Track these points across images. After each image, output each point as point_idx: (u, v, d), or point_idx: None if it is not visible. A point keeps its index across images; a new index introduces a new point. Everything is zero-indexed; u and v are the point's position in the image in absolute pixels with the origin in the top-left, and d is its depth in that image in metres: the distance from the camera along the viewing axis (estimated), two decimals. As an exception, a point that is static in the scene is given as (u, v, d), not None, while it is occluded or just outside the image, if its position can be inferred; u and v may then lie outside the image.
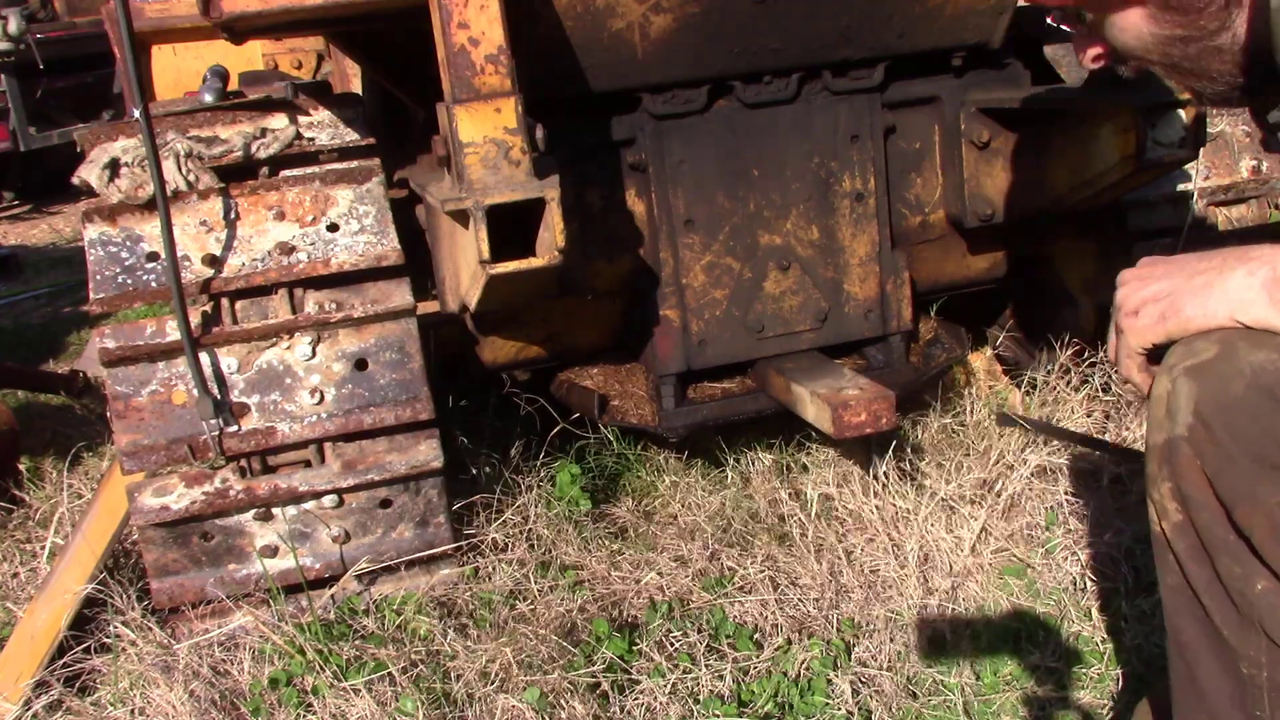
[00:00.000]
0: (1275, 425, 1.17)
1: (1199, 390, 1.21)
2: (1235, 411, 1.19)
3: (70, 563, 2.19)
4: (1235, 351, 1.19)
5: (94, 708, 2.00)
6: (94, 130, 2.10)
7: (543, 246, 1.89)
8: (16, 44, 6.86)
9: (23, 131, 7.38)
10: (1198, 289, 1.23)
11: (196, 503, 2.02)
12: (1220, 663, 1.29)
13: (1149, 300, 1.27)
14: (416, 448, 2.11)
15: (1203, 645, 1.31)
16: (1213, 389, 1.20)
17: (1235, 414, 1.19)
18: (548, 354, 2.52)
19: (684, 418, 2.46)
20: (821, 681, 1.92)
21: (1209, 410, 1.20)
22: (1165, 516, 1.29)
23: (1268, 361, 1.17)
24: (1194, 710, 1.35)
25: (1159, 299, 1.26)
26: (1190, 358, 1.22)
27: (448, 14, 1.84)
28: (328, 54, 3.30)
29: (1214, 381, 1.20)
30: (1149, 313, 1.27)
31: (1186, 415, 1.22)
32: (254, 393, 2.03)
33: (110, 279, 2.00)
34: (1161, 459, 1.26)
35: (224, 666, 2.01)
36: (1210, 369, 1.20)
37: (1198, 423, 1.21)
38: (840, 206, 2.41)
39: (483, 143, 1.86)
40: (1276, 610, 1.22)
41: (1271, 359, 1.17)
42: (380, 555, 2.14)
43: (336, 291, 2.08)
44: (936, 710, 1.88)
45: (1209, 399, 1.20)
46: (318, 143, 2.14)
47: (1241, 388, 1.18)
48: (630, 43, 2.14)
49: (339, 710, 1.87)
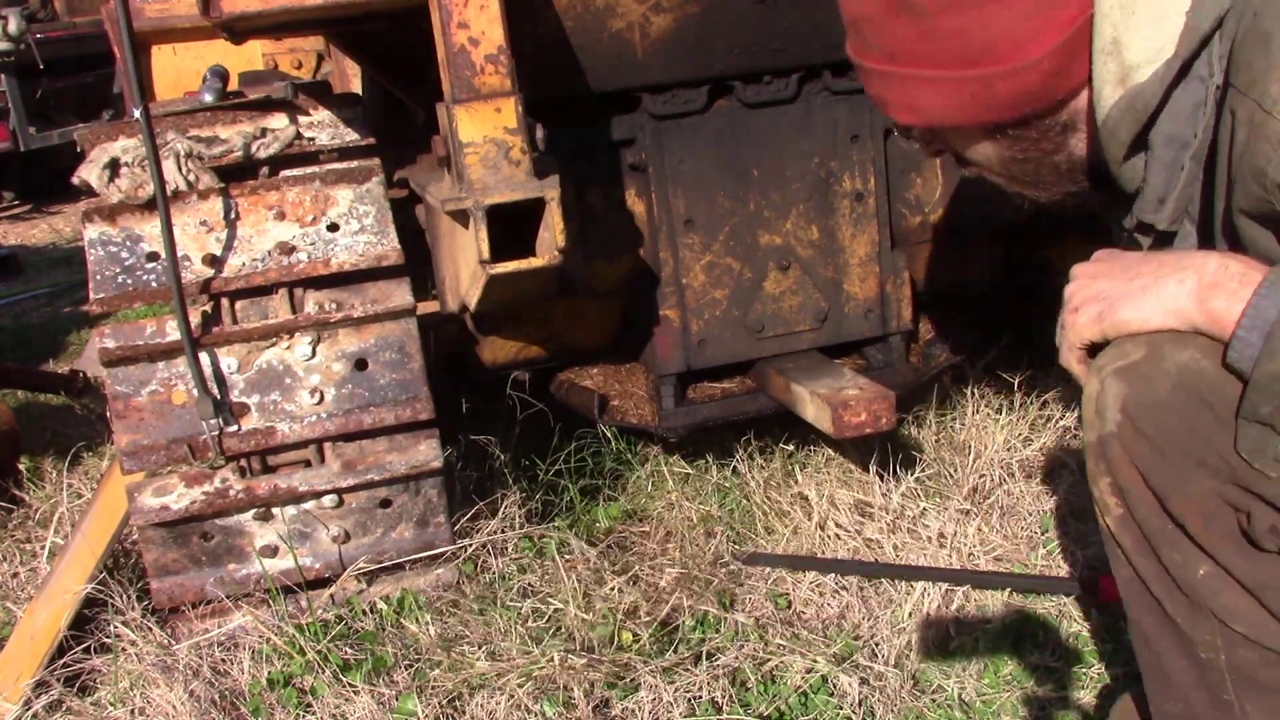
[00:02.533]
0: (1199, 422, 1.22)
1: (1126, 390, 1.25)
2: (1161, 411, 1.24)
3: (70, 563, 2.19)
4: (1161, 353, 1.24)
5: (94, 708, 2.00)
6: (94, 130, 2.10)
7: (543, 246, 1.89)
8: (16, 44, 6.87)
9: (23, 131, 7.38)
10: (1134, 292, 1.28)
11: (196, 503, 2.02)
12: (1180, 649, 1.32)
13: (1090, 299, 1.32)
14: (416, 448, 2.11)
15: (1162, 634, 1.34)
16: (1139, 389, 1.25)
17: (1161, 413, 1.24)
18: (548, 354, 2.52)
19: (684, 418, 2.46)
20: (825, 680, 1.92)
21: (1136, 410, 1.25)
22: (1108, 512, 1.33)
23: (1192, 361, 1.22)
24: (1165, 698, 1.37)
25: (1099, 299, 1.31)
26: (1119, 359, 1.27)
27: (448, 14, 1.85)
28: (328, 54, 3.31)
29: (1140, 383, 1.24)
30: (1089, 311, 1.31)
31: (1115, 414, 1.27)
32: (254, 393, 2.03)
33: (110, 279, 2.00)
34: (1097, 455, 1.31)
35: (224, 666, 2.01)
36: (1137, 370, 1.25)
37: (1126, 420, 1.26)
38: (840, 206, 2.41)
39: (483, 143, 1.86)
40: (1221, 594, 1.25)
41: (1196, 359, 1.21)
42: (380, 555, 2.14)
43: (336, 291, 2.08)
44: (938, 710, 1.88)
45: (1135, 399, 1.25)
46: (318, 143, 2.14)
47: (1167, 388, 1.23)
48: (630, 43, 2.14)
49: (339, 710, 1.87)
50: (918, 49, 1.31)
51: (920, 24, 1.28)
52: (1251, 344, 1.16)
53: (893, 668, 1.95)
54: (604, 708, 1.89)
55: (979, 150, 1.42)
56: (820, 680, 1.92)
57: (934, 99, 1.33)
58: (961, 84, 1.30)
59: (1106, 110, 1.27)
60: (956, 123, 1.37)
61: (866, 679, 1.93)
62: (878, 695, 1.89)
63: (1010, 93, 1.29)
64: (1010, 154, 1.39)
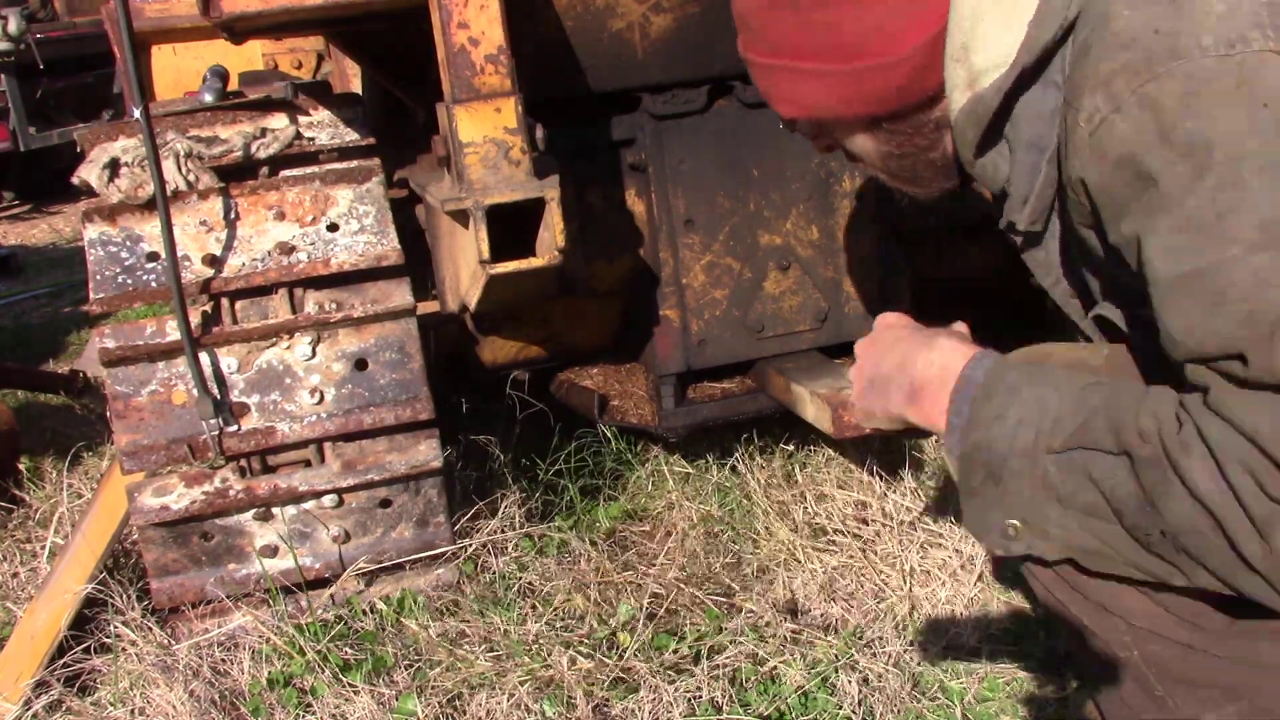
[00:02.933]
0: None
1: None
2: None
3: (70, 563, 2.19)
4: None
5: (94, 708, 2.00)
6: (94, 130, 2.10)
7: (543, 246, 1.89)
8: (16, 44, 6.86)
9: (23, 131, 7.38)
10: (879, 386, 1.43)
11: (196, 503, 2.02)
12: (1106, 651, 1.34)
13: (856, 379, 1.49)
14: (416, 447, 2.11)
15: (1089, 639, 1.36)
16: None
17: None
18: (548, 354, 2.52)
19: (684, 418, 2.46)
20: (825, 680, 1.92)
21: None
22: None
23: None
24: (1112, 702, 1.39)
25: (861, 378, 1.47)
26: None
27: (448, 14, 1.85)
28: (328, 54, 3.30)
29: None
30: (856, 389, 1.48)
31: None
32: (254, 393, 2.03)
33: (110, 279, 2.00)
34: None
35: (224, 666, 2.01)
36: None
37: None
38: (840, 206, 2.41)
39: (483, 143, 1.86)
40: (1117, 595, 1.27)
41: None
42: (380, 555, 2.14)
43: (336, 291, 2.08)
44: (938, 710, 1.88)
45: None
46: (318, 143, 2.14)
47: None
48: (630, 43, 2.14)
49: (339, 710, 1.87)
50: (796, 42, 1.35)
51: (797, 17, 1.33)
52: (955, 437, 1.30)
53: (893, 668, 1.95)
54: (604, 707, 1.88)
55: (858, 144, 1.46)
56: (820, 680, 1.92)
57: (812, 91, 1.38)
58: (837, 77, 1.34)
59: (956, 113, 1.32)
60: (835, 115, 1.41)
61: (866, 679, 1.93)
62: (878, 695, 1.89)
63: (882, 87, 1.34)
64: (888, 149, 1.43)
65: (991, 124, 1.30)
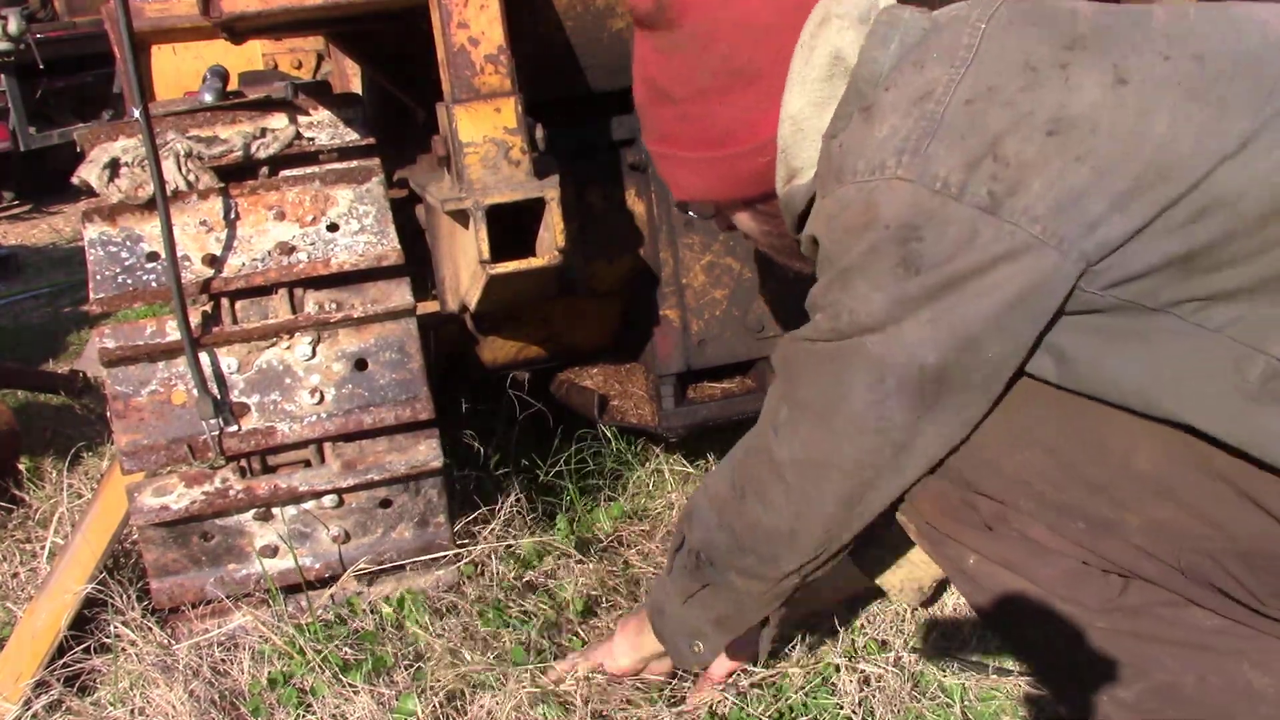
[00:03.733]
0: None
1: None
2: None
3: (70, 563, 2.19)
4: None
5: (94, 708, 2.00)
6: (94, 130, 2.09)
7: (543, 246, 1.89)
8: (16, 44, 6.86)
9: (23, 131, 7.38)
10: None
11: (196, 503, 2.02)
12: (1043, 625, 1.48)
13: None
14: (416, 448, 2.11)
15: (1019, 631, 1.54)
16: None
17: None
18: (548, 354, 2.52)
19: (684, 417, 2.46)
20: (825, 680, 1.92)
21: None
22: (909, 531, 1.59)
23: None
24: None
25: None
26: None
27: (448, 14, 1.84)
28: (328, 54, 3.30)
29: None
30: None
31: None
32: (254, 393, 2.03)
33: (110, 279, 2.00)
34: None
35: (224, 666, 2.01)
36: None
37: None
38: (840, 206, 2.41)
39: (483, 143, 1.86)
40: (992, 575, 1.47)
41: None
42: (380, 555, 2.14)
43: (336, 291, 2.08)
44: (938, 710, 1.88)
45: None
46: (318, 143, 2.14)
47: None
48: (630, 42, 2.14)
49: (339, 710, 1.87)
50: (677, 133, 1.52)
51: (676, 110, 1.50)
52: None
53: (893, 668, 1.95)
54: (603, 708, 1.88)
55: (744, 223, 1.64)
56: (820, 680, 1.92)
57: (694, 176, 1.55)
58: (712, 163, 1.51)
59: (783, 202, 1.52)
60: (717, 198, 1.59)
61: (867, 679, 1.93)
62: (878, 695, 1.89)
63: (750, 171, 1.50)
64: (766, 227, 1.61)
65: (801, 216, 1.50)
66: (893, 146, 1.29)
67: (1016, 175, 1.23)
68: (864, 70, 1.39)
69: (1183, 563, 1.32)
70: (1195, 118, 1.21)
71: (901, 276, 1.27)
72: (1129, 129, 1.22)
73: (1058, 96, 1.25)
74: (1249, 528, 1.26)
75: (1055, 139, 1.23)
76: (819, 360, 1.38)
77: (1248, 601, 1.30)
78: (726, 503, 1.55)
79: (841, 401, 1.36)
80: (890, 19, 1.42)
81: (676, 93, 1.49)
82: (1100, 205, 1.21)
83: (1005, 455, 1.38)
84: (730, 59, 1.44)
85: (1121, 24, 1.30)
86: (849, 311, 1.32)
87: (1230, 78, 1.23)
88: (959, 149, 1.25)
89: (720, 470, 1.60)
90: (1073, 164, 1.22)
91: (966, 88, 1.28)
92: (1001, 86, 1.27)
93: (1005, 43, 1.30)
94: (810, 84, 1.42)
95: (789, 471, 1.43)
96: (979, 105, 1.27)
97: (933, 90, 1.30)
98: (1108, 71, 1.25)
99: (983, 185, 1.24)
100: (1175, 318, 1.23)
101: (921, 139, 1.27)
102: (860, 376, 1.33)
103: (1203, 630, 1.34)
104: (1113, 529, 1.35)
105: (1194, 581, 1.32)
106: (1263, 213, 1.19)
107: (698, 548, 1.61)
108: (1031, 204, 1.22)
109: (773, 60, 1.43)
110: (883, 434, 1.35)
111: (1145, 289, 1.23)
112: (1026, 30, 1.31)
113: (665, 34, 1.48)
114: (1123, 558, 1.36)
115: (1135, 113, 1.22)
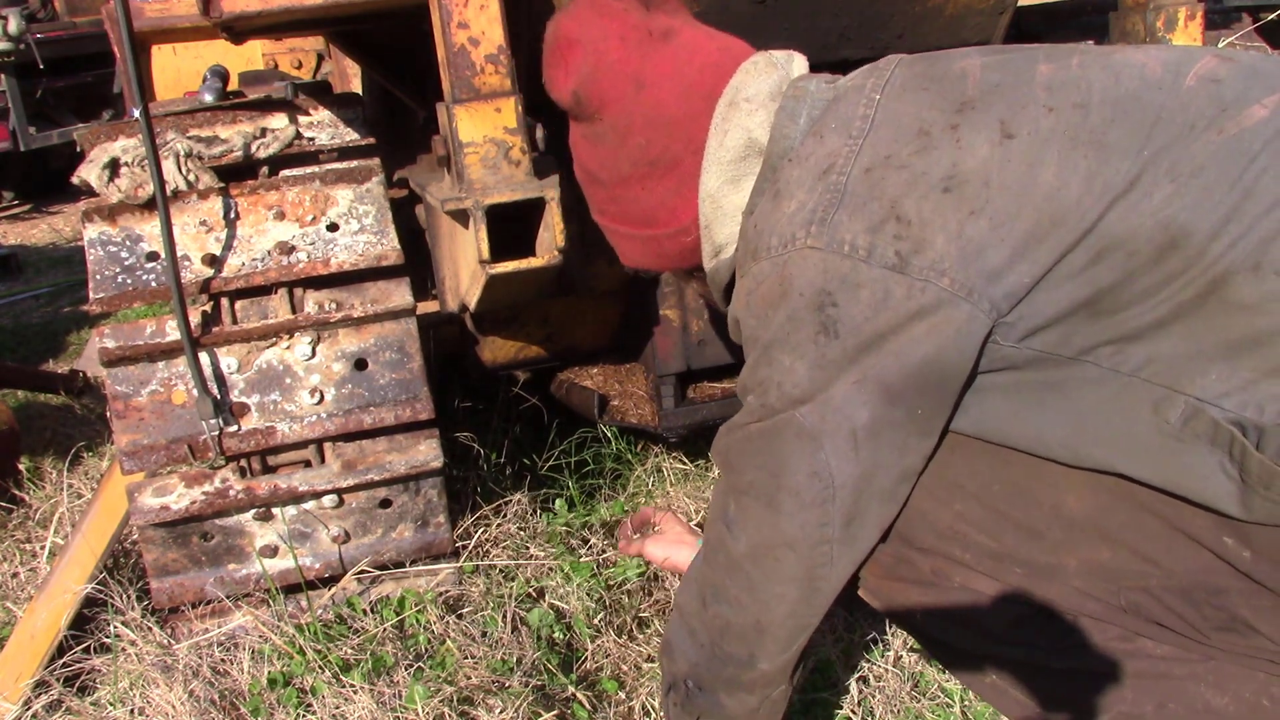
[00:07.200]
0: None
1: None
2: None
3: (70, 563, 2.19)
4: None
5: (94, 708, 2.00)
6: (94, 130, 2.09)
7: (543, 246, 1.89)
8: (16, 44, 6.86)
9: (23, 131, 7.38)
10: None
11: (196, 503, 2.02)
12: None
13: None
14: (416, 447, 2.11)
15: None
16: None
17: None
18: (548, 354, 2.52)
19: (684, 417, 2.46)
20: (825, 680, 1.92)
21: None
22: None
23: None
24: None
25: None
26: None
27: (448, 14, 1.84)
28: (328, 54, 3.30)
29: None
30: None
31: None
32: (254, 393, 2.03)
33: (110, 279, 2.00)
34: None
35: (224, 666, 2.01)
36: None
37: None
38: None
39: (483, 143, 1.86)
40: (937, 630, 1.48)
41: None
42: (380, 555, 2.14)
43: (336, 291, 2.08)
44: (938, 710, 1.88)
45: None
46: (318, 142, 2.14)
47: None
48: (630, 43, 2.14)
49: (339, 710, 1.87)
50: (611, 211, 1.63)
51: (606, 192, 1.61)
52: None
53: (893, 668, 1.95)
54: (604, 706, 1.89)
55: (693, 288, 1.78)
56: (820, 680, 1.92)
57: (633, 249, 1.65)
58: (645, 240, 1.61)
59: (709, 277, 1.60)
60: (656, 269, 1.69)
61: (866, 679, 1.93)
62: (878, 695, 1.89)
63: (678, 248, 1.60)
64: (707, 294, 1.69)
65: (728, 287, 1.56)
66: (801, 219, 1.33)
67: (919, 233, 1.27)
68: (776, 147, 1.45)
69: (1124, 601, 1.33)
70: (1081, 164, 1.25)
71: (822, 343, 1.30)
72: (1019, 180, 1.26)
73: (950, 156, 1.29)
74: (1186, 563, 1.27)
75: (951, 195, 1.27)
76: (755, 441, 1.39)
77: (1192, 635, 1.31)
78: (694, 615, 1.53)
79: (782, 478, 1.36)
80: (797, 93, 1.47)
81: (603, 177, 1.59)
82: (1002, 255, 1.25)
83: (938, 508, 1.39)
84: (647, 149, 1.52)
85: (1007, 81, 1.34)
86: (776, 386, 1.35)
87: (1111, 121, 1.26)
88: (862, 214, 1.30)
89: (683, 587, 1.59)
90: (970, 218, 1.26)
91: (866, 157, 1.33)
92: (897, 153, 1.32)
93: (899, 110, 1.36)
94: (725, 165, 1.48)
95: (746, 562, 1.42)
96: (878, 172, 1.31)
97: (834, 162, 1.35)
98: (995, 129, 1.29)
99: (889, 246, 1.27)
100: (1092, 365, 1.26)
101: (829, 209, 1.32)
102: (796, 449, 1.34)
103: (1155, 659, 1.34)
104: (1052, 573, 1.35)
105: (1138, 619, 1.33)
106: (1157, 248, 1.21)
107: (683, 676, 1.57)
108: (937, 259, 1.26)
109: (686, 148, 1.51)
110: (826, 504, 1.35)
111: (1059, 337, 1.26)
112: (919, 96, 1.36)
113: (588, 125, 1.56)
114: (1066, 601, 1.36)
115: (1024, 165, 1.26)
